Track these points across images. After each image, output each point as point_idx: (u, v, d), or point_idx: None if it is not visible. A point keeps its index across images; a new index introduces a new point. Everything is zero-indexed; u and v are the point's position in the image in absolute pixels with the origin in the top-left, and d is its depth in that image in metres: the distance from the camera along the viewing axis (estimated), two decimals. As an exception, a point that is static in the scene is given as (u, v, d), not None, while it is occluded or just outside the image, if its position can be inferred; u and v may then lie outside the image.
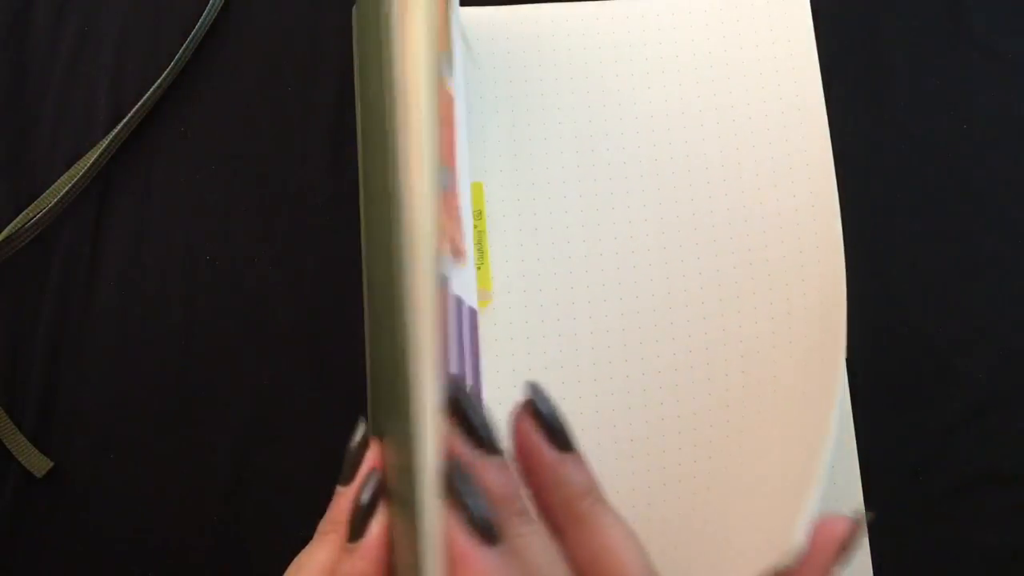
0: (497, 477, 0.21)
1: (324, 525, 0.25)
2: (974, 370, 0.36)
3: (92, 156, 0.36)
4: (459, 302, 0.26)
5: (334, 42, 0.38)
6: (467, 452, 0.21)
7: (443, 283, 0.20)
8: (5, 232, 0.35)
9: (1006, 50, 0.38)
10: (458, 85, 0.31)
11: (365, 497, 0.24)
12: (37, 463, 0.34)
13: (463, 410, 0.21)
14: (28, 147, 0.37)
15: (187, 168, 0.37)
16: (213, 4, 0.37)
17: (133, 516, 0.35)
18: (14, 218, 0.36)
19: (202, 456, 0.35)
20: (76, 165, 0.36)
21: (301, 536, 0.32)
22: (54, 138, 0.37)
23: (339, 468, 0.34)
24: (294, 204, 0.37)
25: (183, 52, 0.37)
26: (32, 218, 0.35)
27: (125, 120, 0.36)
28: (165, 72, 0.37)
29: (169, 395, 0.35)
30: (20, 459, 0.34)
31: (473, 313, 0.29)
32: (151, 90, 0.37)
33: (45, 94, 0.38)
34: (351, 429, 0.35)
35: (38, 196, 0.37)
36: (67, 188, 0.36)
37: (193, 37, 0.37)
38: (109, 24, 0.38)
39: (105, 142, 0.36)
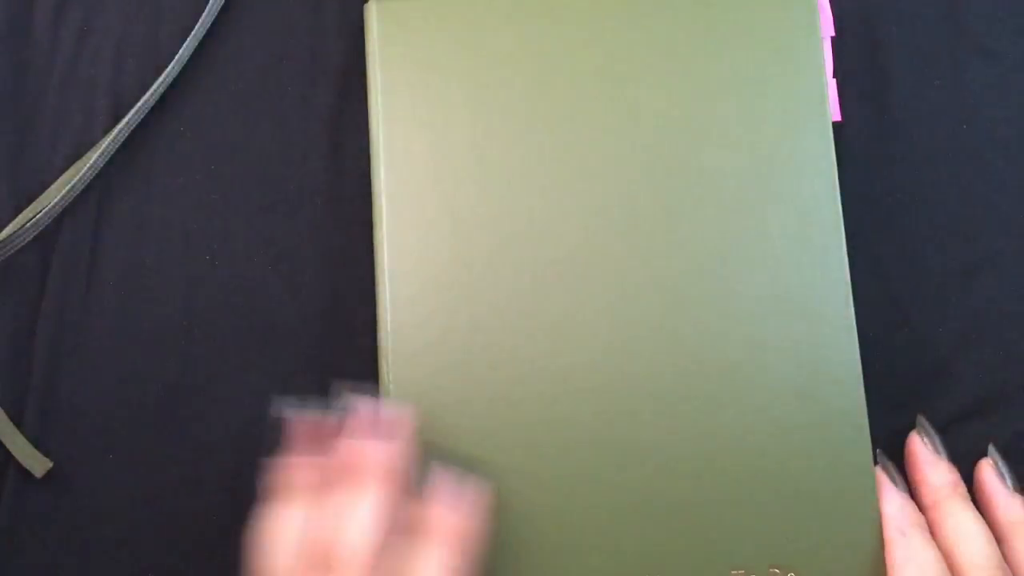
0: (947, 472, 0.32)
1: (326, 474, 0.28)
2: (973, 370, 0.36)
3: (92, 156, 0.36)
4: None
5: (334, 42, 0.38)
6: (924, 452, 0.33)
7: None
8: (6, 231, 0.35)
9: (1006, 51, 0.38)
10: None
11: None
12: (36, 463, 0.34)
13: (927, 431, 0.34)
14: (28, 147, 0.37)
15: (187, 168, 0.37)
16: (213, 4, 0.37)
17: (133, 516, 0.35)
18: (14, 218, 0.36)
19: (202, 456, 0.35)
20: (76, 164, 0.36)
21: (301, 536, 0.32)
22: (54, 138, 0.37)
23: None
24: (294, 204, 0.37)
25: (183, 52, 0.37)
26: (32, 217, 0.35)
27: (125, 119, 0.36)
28: (164, 72, 0.37)
29: (169, 395, 0.35)
30: (20, 459, 0.34)
31: None
32: (151, 90, 0.37)
33: (45, 94, 0.38)
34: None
35: (38, 196, 0.37)
36: (67, 188, 0.36)
37: (193, 36, 0.37)
38: (109, 24, 0.38)
39: (105, 142, 0.36)
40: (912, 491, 0.33)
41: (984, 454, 0.34)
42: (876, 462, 0.32)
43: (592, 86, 0.34)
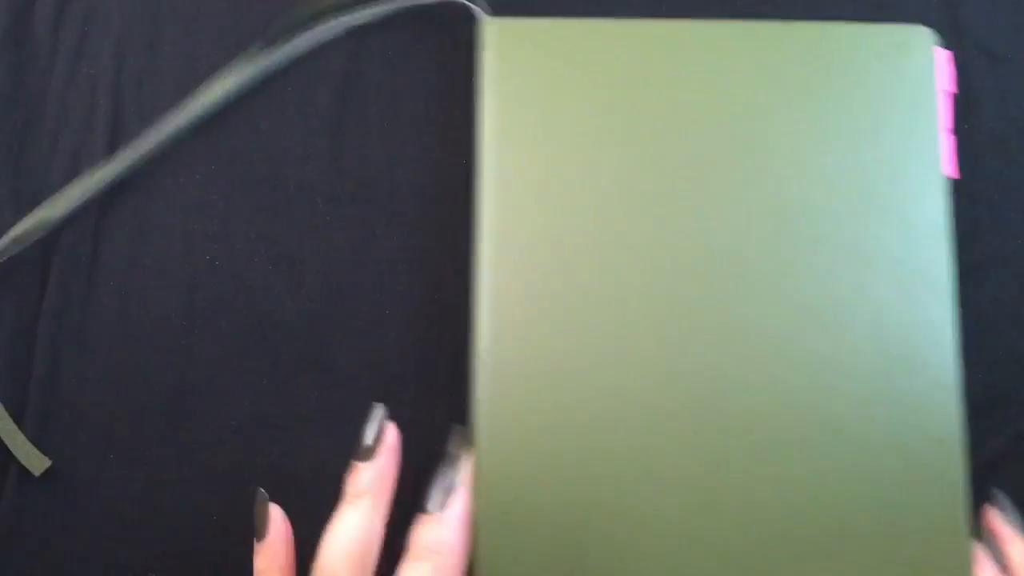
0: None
1: (349, 494, 0.30)
2: (973, 370, 0.36)
3: (96, 172, 0.36)
4: None
5: (335, 42, 0.38)
6: (1003, 529, 0.31)
7: None
8: (13, 233, 0.35)
9: (1006, 51, 0.38)
10: None
11: (454, 476, 0.30)
12: (35, 461, 0.34)
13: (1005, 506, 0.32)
14: (28, 147, 0.37)
15: (187, 168, 0.37)
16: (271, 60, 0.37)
17: (133, 516, 0.35)
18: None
19: (202, 456, 0.35)
20: (92, 171, 0.36)
21: (301, 535, 0.32)
22: (54, 138, 0.37)
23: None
24: (294, 204, 0.37)
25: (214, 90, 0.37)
26: (38, 225, 0.35)
27: (157, 136, 0.36)
28: (207, 98, 0.37)
29: (169, 395, 0.35)
30: (19, 457, 0.34)
31: None
32: (178, 119, 0.37)
33: (45, 94, 0.38)
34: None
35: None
36: (73, 202, 0.36)
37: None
38: (109, 24, 0.38)
39: (129, 153, 0.36)
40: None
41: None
42: (979, 533, 0.32)
43: (706, 125, 0.33)
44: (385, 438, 0.30)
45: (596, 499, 0.31)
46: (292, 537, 0.31)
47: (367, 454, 0.30)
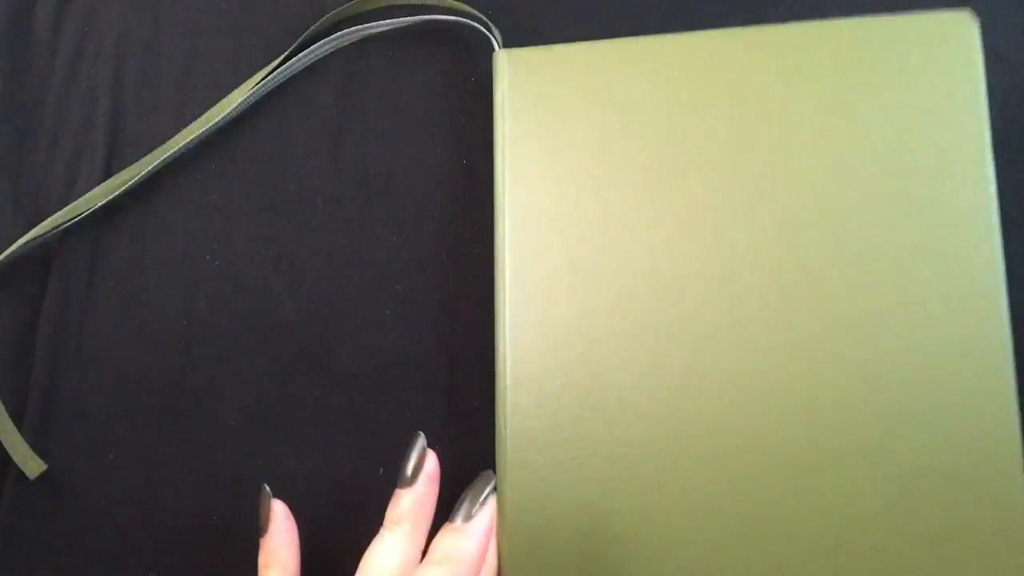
0: None
1: (388, 519, 0.30)
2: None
3: (134, 172, 0.36)
4: None
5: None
6: None
7: None
8: (32, 233, 0.35)
9: (1007, 51, 0.38)
10: None
11: (486, 490, 0.31)
12: (32, 464, 0.34)
13: None
14: (28, 147, 0.37)
15: (187, 168, 0.37)
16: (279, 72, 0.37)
17: (133, 516, 0.35)
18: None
19: (202, 456, 0.35)
20: (114, 179, 0.36)
21: (300, 535, 0.32)
22: (54, 138, 0.37)
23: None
24: (294, 204, 0.37)
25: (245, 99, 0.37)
26: (42, 233, 0.35)
27: (181, 146, 0.36)
28: (221, 113, 0.37)
29: (169, 395, 0.35)
30: (16, 460, 0.34)
31: None
32: (202, 127, 0.37)
33: (45, 94, 0.38)
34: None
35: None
36: (74, 213, 0.36)
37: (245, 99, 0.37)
38: (109, 24, 0.38)
39: (135, 169, 0.36)
40: None
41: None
42: None
43: (738, 132, 0.32)
44: (425, 466, 0.31)
45: (622, 534, 0.30)
46: (295, 534, 0.31)
47: (407, 481, 0.31)
